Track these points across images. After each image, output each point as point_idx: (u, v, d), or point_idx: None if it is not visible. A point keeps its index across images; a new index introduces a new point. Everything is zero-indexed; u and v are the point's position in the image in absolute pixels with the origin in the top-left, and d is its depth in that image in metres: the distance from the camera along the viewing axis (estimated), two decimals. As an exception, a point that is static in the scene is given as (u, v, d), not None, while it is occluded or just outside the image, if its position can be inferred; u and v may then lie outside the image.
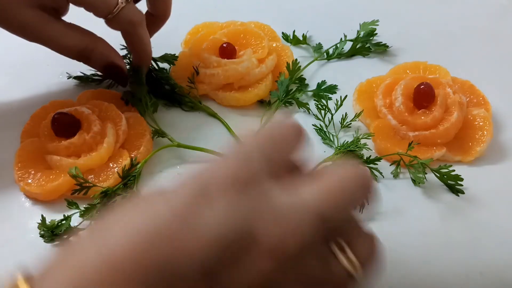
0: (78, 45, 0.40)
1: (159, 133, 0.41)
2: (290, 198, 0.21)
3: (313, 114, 0.44)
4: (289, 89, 0.45)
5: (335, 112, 0.42)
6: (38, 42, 0.40)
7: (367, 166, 0.39)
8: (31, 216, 0.36)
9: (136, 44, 0.42)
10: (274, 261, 0.20)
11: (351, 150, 0.39)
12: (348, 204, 0.22)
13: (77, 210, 0.36)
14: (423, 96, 0.41)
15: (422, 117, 0.41)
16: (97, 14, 0.39)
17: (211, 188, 0.20)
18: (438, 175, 0.38)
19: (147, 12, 0.44)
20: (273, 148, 0.22)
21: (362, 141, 0.40)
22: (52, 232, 0.35)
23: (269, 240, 0.20)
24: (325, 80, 0.47)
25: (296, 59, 0.46)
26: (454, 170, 0.38)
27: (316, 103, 0.43)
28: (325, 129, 0.43)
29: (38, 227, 0.35)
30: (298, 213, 0.20)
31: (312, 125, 0.43)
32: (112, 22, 0.40)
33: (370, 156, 0.39)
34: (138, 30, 0.41)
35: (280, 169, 0.22)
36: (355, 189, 0.22)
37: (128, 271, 0.18)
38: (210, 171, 0.21)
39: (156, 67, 0.47)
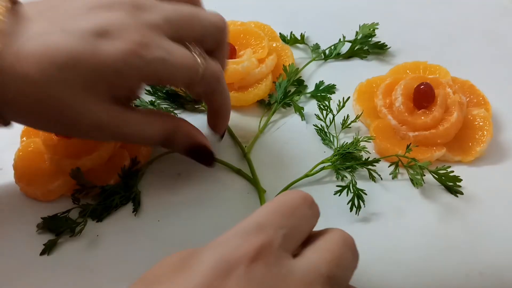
0: (161, 133, 0.34)
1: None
2: (301, 263, 0.23)
3: (315, 114, 0.44)
4: (287, 90, 0.45)
5: (337, 113, 0.42)
6: (114, 140, 0.37)
7: (366, 168, 0.39)
8: (31, 216, 0.36)
9: (220, 99, 0.36)
10: None
11: (349, 152, 0.39)
12: (350, 263, 0.24)
13: (80, 208, 0.36)
14: (423, 96, 0.41)
15: (422, 117, 0.41)
16: (179, 84, 0.33)
17: (233, 265, 0.21)
18: (437, 176, 0.38)
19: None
20: (287, 222, 0.24)
21: (362, 143, 0.40)
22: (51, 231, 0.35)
23: None
24: (323, 81, 0.47)
25: (293, 63, 0.46)
26: (452, 171, 0.38)
27: (319, 103, 0.43)
28: (326, 130, 0.43)
29: (38, 226, 0.35)
30: (310, 275, 0.22)
31: (313, 125, 0.43)
32: (197, 85, 0.33)
33: (368, 158, 0.39)
34: (222, 82, 0.35)
35: (292, 240, 0.24)
36: (349, 252, 0.25)
37: None
38: (227, 247, 0.22)
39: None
